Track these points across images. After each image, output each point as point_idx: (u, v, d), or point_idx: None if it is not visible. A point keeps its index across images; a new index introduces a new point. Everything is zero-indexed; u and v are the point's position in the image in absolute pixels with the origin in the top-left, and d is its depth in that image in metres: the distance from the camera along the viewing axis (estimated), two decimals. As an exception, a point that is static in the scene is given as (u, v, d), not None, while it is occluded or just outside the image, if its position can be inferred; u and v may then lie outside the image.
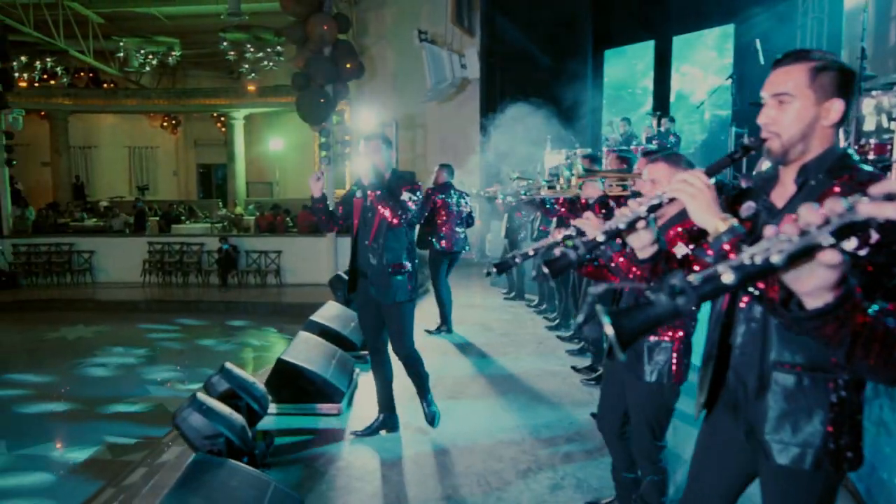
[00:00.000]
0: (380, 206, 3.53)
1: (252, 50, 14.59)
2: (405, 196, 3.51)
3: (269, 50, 14.97)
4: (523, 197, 5.75)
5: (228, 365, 3.69)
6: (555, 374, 5.19)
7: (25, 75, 16.78)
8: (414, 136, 14.37)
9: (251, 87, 17.42)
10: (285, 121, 20.41)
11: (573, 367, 5.28)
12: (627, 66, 11.51)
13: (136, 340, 10.17)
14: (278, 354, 4.69)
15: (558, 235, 2.03)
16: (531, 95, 10.75)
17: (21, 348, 10.66)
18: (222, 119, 21.19)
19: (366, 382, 4.41)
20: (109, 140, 22.74)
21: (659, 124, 9.59)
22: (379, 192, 3.50)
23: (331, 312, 5.92)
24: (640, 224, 1.56)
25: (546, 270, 1.74)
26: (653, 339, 2.33)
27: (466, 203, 6.71)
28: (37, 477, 5.47)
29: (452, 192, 6.54)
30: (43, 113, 19.65)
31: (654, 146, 8.88)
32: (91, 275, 14.36)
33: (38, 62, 16.42)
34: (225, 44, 14.81)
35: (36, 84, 18.90)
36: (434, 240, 6.42)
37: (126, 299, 12.84)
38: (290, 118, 19.53)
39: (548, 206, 6.18)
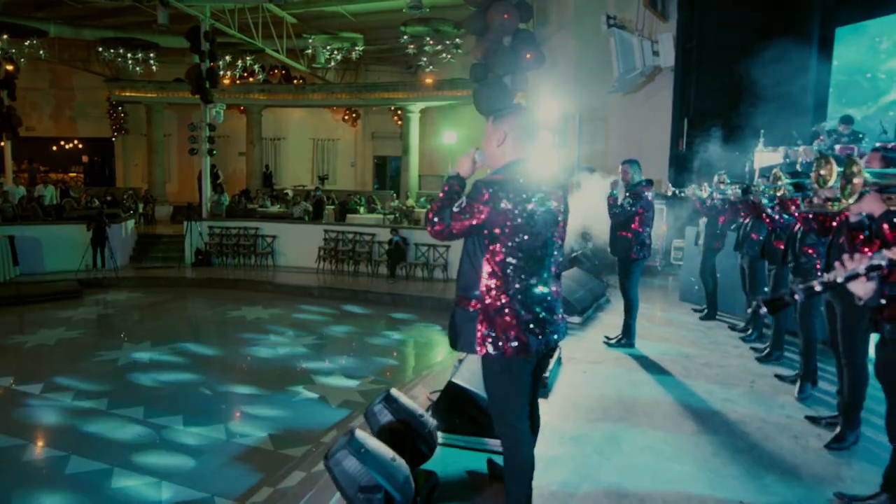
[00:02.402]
0: None
1: (431, 43, 14.47)
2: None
3: (447, 42, 14.77)
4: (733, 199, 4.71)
5: (394, 392, 3.21)
6: (782, 428, 4.13)
7: (229, 73, 18.15)
8: (594, 130, 13.38)
9: (428, 80, 17.44)
10: (460, 114, 20.34)
11: (808, 418, 4.20)
12: (866, 45, 9.50)
13: (306, 325, 10.40)
14: (441, 357, 4.15)
15: (858, 265, 1.71)
16: (735, 84, 9.37)
17: (208, 322, 11.45)
18: (399, 112, 21.66)
19: (554, 408, 3.77)
20: (296, 132, 24.30)
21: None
22: None
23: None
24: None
25: (764, 310, 1.71)
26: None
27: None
28: (191, 459, 5.51)
29: (645, 191, 5.68)
30: (242, 108, 21.39)
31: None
32: (273, 258, 15.24)
33: (239, 61, 17.72)
34: (405, 37, 14.85)
35: (238, 81, 20.63)
36: (629, 243, 5.64)
37: (300, 284, 13.35)
38: (465, 111, 19.43)
39: (775, 215, 5.08)
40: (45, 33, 15.93)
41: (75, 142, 23.95)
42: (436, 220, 2.51)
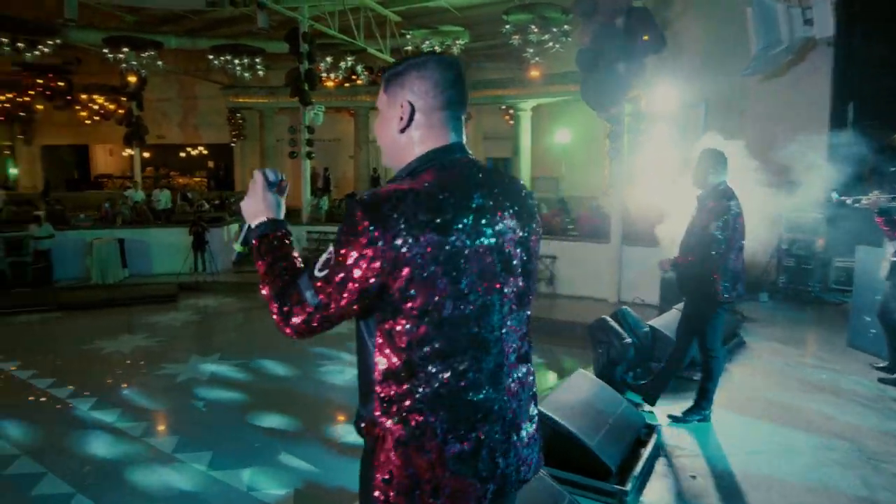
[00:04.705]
0: None
1: (536, 31, 13.11)
2: None
3: (554, 30, 13.33)
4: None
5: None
6: None
7: (332, 75, 17.90)
8: (724, 121, 11.34)
9: (535, 73, 16.09)
10: (573, 111, 18.78)
11: None
12: None
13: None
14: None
15: None
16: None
17: (278, 337, 10.81)
18: (510, 112, 20.49)
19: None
20: (406, 134, 23.82)
21: None
22: None
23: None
24: None
25: None
26: None
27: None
28: None
29: (732, 200, 3.94)
30: (352, 111, 21.20)
31: None
32: (370, 267, 14.59)
33: (342, 62, 17.38)
34: (508, 27, 13.61)
35: (346, 84, 20.43)
36: (711, 276, 3.88)
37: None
38: (578, 108, 17.81)
39: None
40: (160, 45, 16.46)
41: (200, 148, 25.09)
42: (285, 309, 1.35)
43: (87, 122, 22.55)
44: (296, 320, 1.33)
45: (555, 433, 2.98)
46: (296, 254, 1.44)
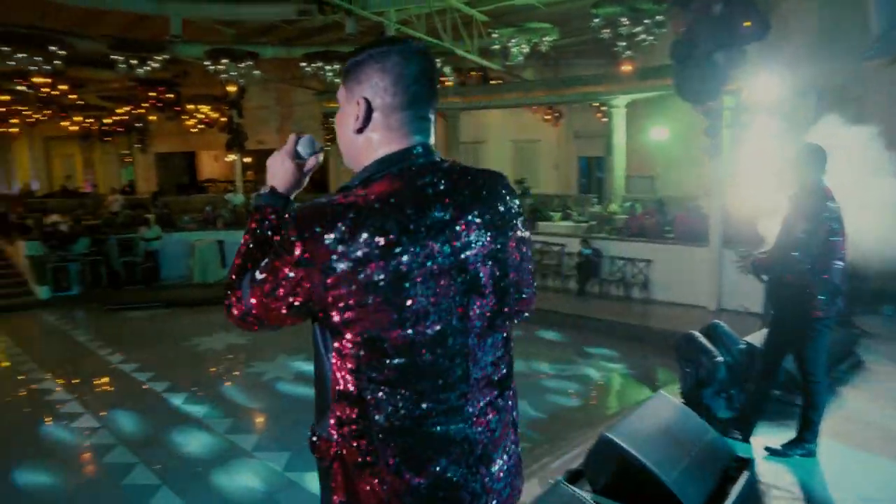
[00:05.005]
0: None
1: (627, 23, 12.51)
2: None
3: (646, 21, 12.67)
4: None
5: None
6: None
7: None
8: (839, 111, 10.30)
9: (627, 68, 15.39)
10: (669, 106, 17.82)
11: None
12: None
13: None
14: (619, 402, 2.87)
15: None
16: None
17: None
18: (603, 109, 19.79)
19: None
20: (496, 135, 23.60)
21: None
22: None
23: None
24: None
25: None
26: None
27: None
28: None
29: (830, 202, 3.42)
30: (443, 113, 21.25)
31: None
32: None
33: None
34: (597, 20, 13.09)
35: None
36: (807, 290, 3.38)
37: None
38: (675, 103, 16.91)
39: None
40: (256, 55, 17.17)
41: (297, 153, 26.09)
42: (230, 296, 1.30)
43: (194, 130, 24.04)
44: (234, 312, 1.29)
45: (624, 464, 2.67)
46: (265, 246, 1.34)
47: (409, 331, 1.14)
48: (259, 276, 1.22)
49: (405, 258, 1.13)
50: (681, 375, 3.85)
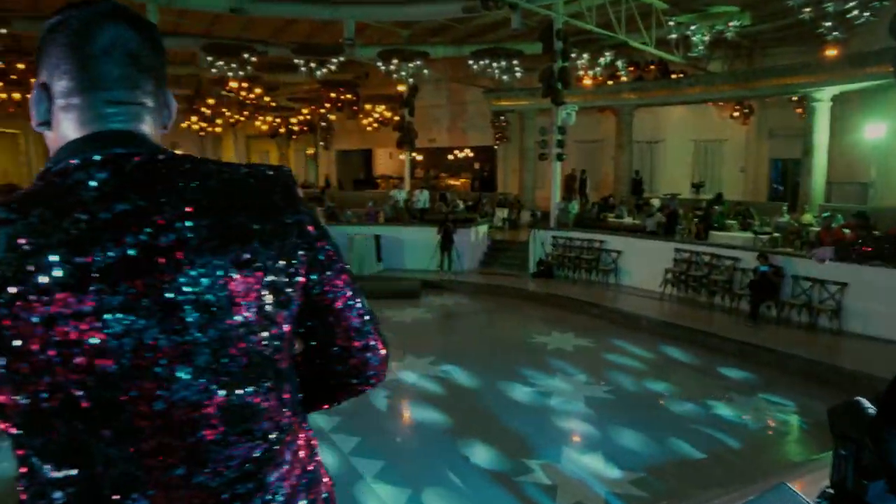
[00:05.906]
0: None
1: (834, 1, 10.61)
2: None
3: (862, -1, 10.66)
4: None
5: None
6: None
7: (590, 73, 17.09)
8: None
9: (830, 52, 13.12)
10: (889, 99, 14.99)
11: None
12: None
13: (606, 369, 8.45)
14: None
15: None
16: None
17: (503, 343, 10.35)
18: (803, 104, 17.24)
19: None
20: (676, 133, 21.76)
21: None
22: None
23: None
24: None
25: None
26: None
27: None
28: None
29: None
30: (615, 110, 20.03)
31: None
32: (616, 276, 13.55)
33: (601, 58, 16.44)
34: None
35: (610, 82, 19.36)
36: None
37: (632, 311, 11.32)
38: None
39: None
40: (426, 55, 17.47)
41: (467, 150, 26.33)
42: None
43: (370, 128, 25.31)
44: None
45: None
46: None
47: (26, 397, 0.80)
48: None
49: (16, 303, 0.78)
50: (833, 459, 2.80)
